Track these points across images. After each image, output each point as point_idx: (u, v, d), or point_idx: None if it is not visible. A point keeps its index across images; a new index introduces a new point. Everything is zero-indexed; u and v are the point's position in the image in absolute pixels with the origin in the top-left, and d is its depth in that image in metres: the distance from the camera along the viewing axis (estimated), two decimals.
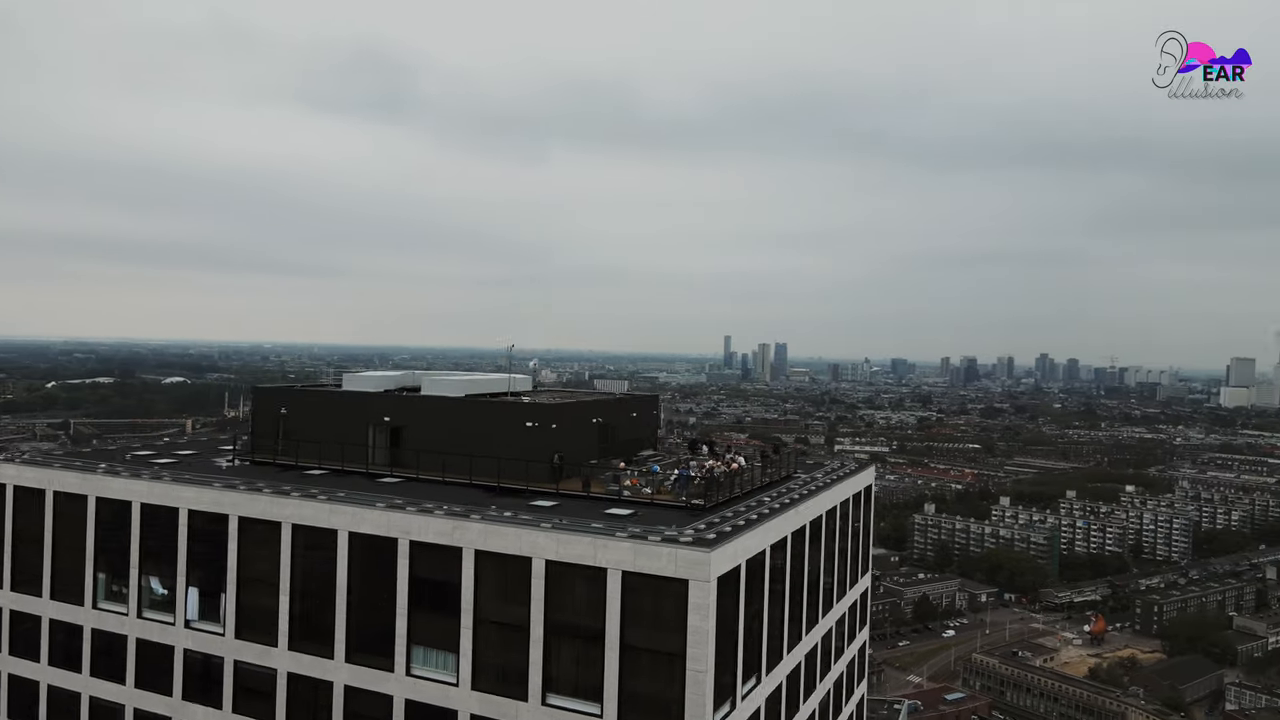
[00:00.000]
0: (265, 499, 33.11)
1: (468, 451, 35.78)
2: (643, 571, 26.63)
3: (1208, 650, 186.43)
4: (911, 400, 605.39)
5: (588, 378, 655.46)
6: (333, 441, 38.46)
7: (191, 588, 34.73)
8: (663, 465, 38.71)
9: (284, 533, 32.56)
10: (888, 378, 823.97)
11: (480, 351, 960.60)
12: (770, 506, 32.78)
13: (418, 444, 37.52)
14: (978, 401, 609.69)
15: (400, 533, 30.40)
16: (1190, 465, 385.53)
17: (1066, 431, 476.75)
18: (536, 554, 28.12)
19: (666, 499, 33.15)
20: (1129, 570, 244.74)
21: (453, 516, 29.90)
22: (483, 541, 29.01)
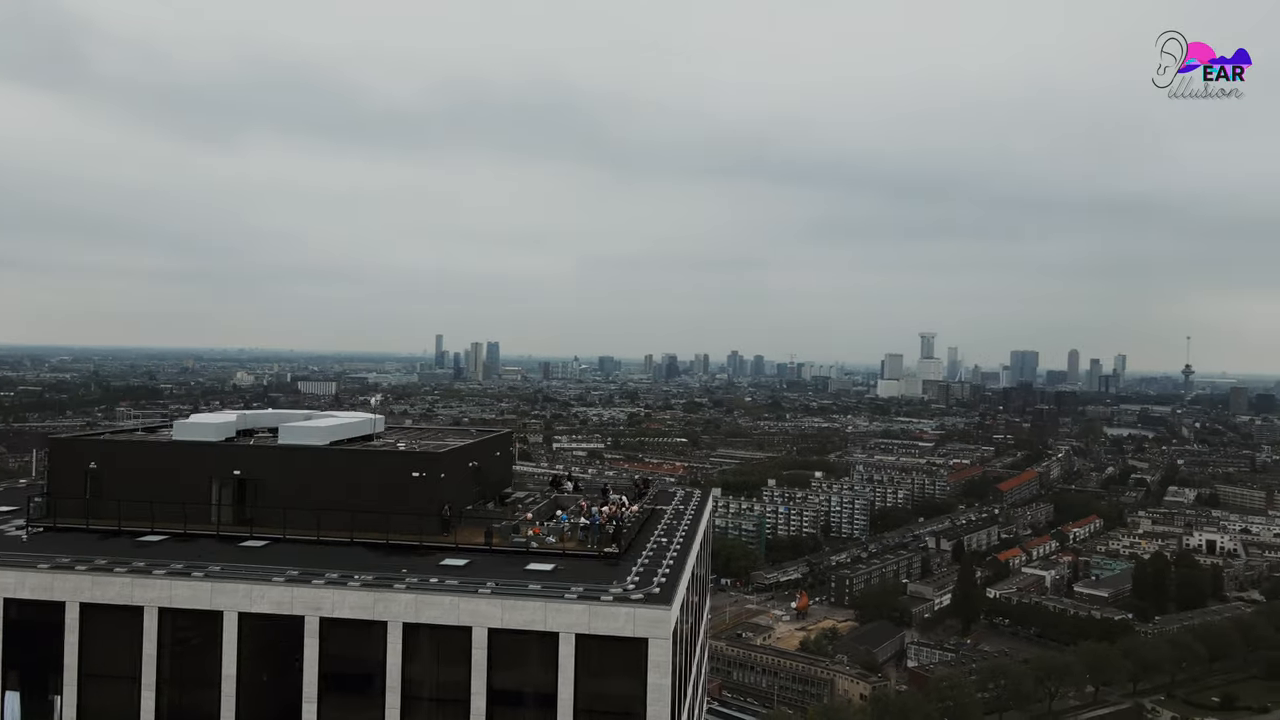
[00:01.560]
0: (120, 580, 28.31)
1: (336, 505, 33.06)
2: (599, 634, 26.42)
3: (889, 615, 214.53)
4: (620, 396, 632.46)
5: (290, 379, 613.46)
6: (165, 501, 33.58)
7: (10, 692, 28.81)
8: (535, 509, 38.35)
9: (147, 620, 28.09)
10: (596, 375, 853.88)
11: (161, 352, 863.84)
12: (673, 550, 33.62)
13: (277, 500, 33.89)
14: (680, 396, 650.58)
15: (308, 610, 27.46)
16: (861, 450, 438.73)
17: (759, 423, 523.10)
18: (479, 623, 26.80)
19: (570, 547, 32.89)
20: (822, 549, 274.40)
21: (373, 588, 27.58)
22: (414, 613, 27.08)
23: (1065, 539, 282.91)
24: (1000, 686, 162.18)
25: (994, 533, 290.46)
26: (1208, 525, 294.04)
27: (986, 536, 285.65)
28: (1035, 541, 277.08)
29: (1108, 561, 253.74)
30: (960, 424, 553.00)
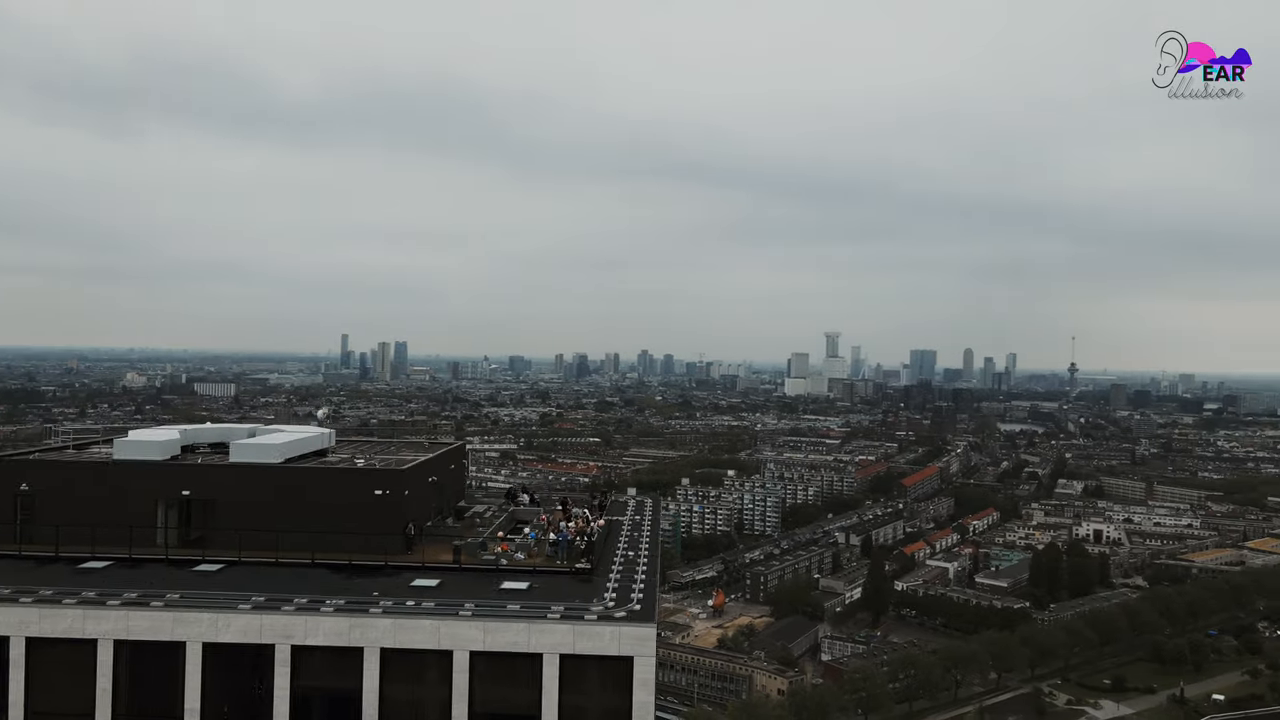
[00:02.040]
0: (71, 612, 26.70)
1: (295, 526, 31.95)
2: (584, 653, 26.30)
3: (803, 610, 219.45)
4: (531, 396, 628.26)
5: (185, 380, 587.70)
6: (107, 524, 31.81)
7: None
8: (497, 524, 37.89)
9: (102, 654, 26.58)
10: (506, 375, 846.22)
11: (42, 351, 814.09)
12: (642, 563, 33.71)
13: (230, 521, 32.50)
14: (591, 396, 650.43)
15: (279, 638, 26.44)
16: (771, 448, 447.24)
17: (670, 422, 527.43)
18: (460, 646, 26.31)
19: (539, 563, 32.60)
20: (737, 547, 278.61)
21: (348, 613, 26.77)
22: (392, 638, 26.40)
23: (966, 532, 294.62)
24: (910, 676, 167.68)
25: (899, 527, 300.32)
26: (1094, 516, 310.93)
27: (893, 531, 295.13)
28: (938, 535, 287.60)
29: (1006, 552, 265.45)
30: (865, 421, 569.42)
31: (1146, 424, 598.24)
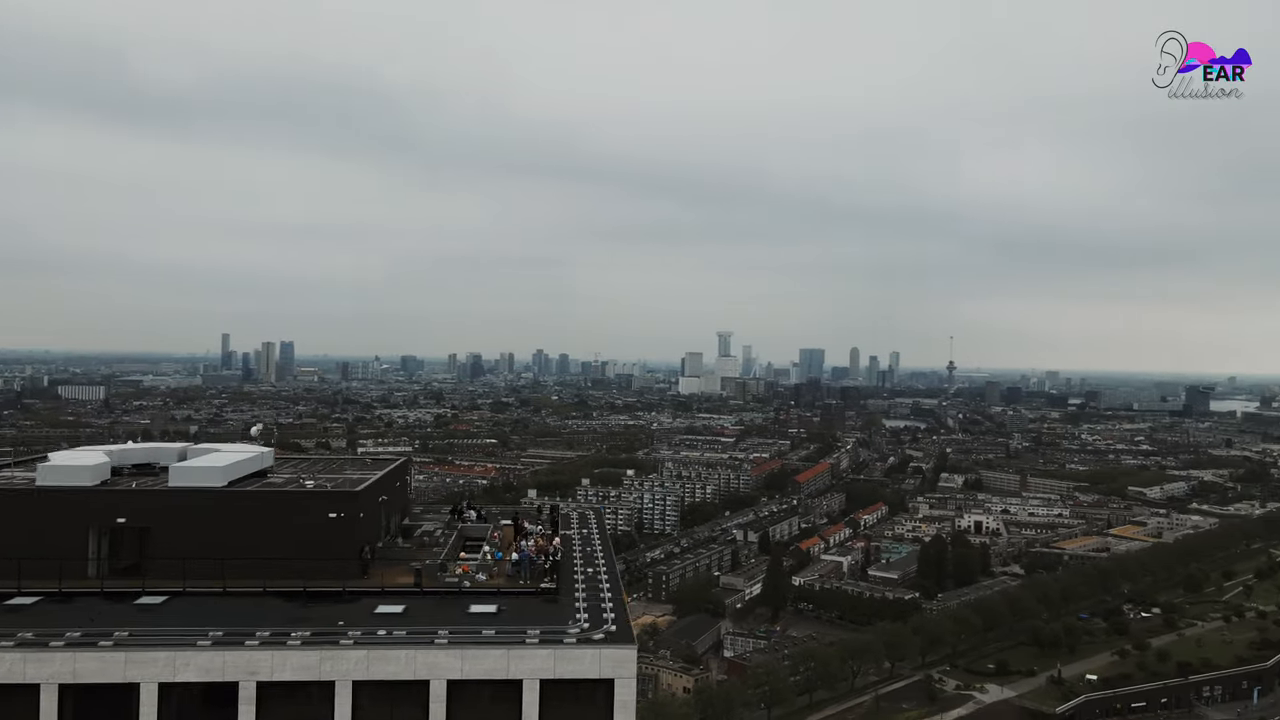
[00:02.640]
0: (10, 656, 24.73)
1: (242, 553, 30.58)
2: (565, 678, 26.10)
3: (705, 608, 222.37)
4: (425, 397, 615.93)
5: (47, 383, 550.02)
6: (32, 556, 29.66)
7: None
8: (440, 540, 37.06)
9: (45, 701, 24.74)
10: (399, 375, 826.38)
11: None
12: (604, 580, 33.65)
13: (171, 549, 30.82)
14: (486, 396, 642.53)
15: (243, 675, 25.23)
16: (667, 447, 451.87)
17: (567, 422, 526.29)
18: (437, 675, 25.72)
19: (502, 584, 32.13)
20: (637, 546, 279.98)
21: (317, 645, 25.80)
22: (364, 670, 25.58)
23: (857, 526, 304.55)
24: (810, 669, 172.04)
25: (794, 523, 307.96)
26: (975, 508, 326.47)
27: (788, 527, 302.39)
28: (831, 530, 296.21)
29: (895, 545, 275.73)
30: (758, 419, 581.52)
31: (1019, 419, 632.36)
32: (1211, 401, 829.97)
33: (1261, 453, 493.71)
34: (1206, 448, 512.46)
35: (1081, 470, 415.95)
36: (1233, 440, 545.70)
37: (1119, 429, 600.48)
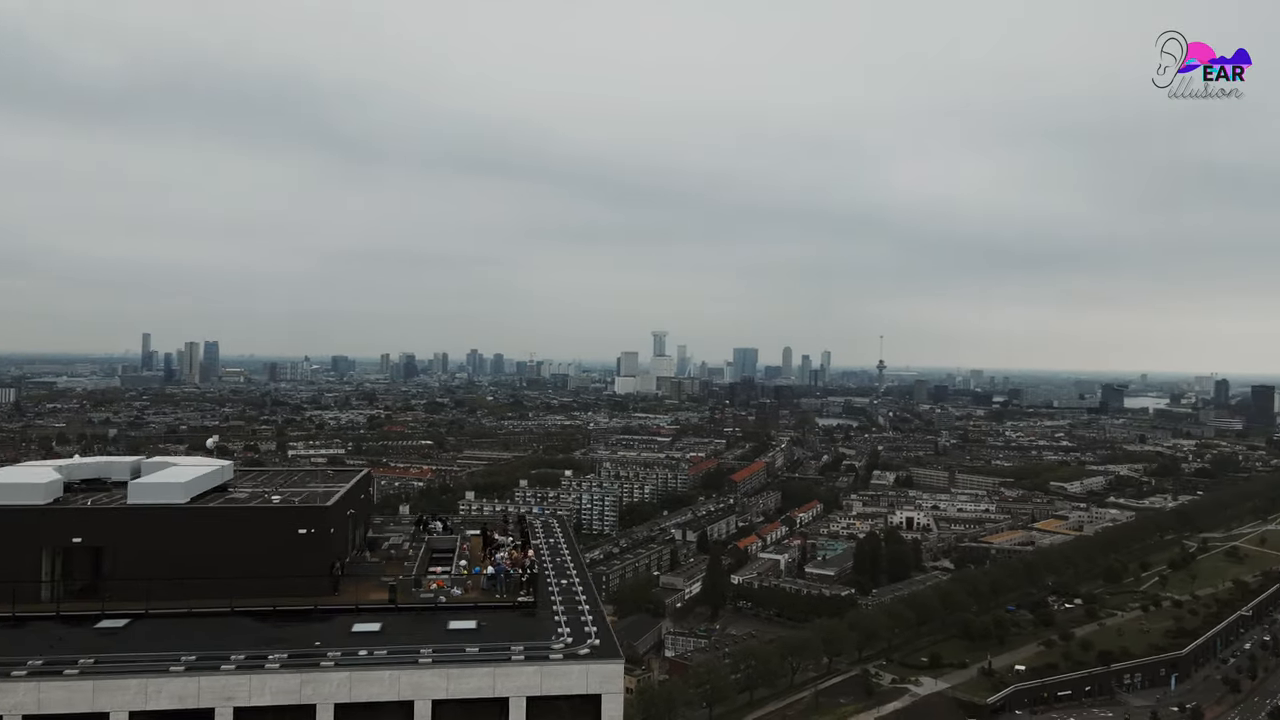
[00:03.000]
0: None
1: (207, 572, 29.63)
2: (552, 694, 25.91)
3: (646, 608, 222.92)
4: (357, 398, 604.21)
5: None
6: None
7: None
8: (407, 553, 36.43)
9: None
10: (329, 376, 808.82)
11: None
12: (580, 591, 33.50)
13: (131, 569, 29.66)
14: (420, 397, 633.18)
15: (220, 700, 24.43)
16: (605, 447, 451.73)
17: (503, 423, 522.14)
18: (422, 695, 25.30)
19: (478, 598, 31.72)
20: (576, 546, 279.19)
21: (297, 668, 25.12)
22: (347, 692, 25.01)
23: (793, 524, 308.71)
24: (750, 667, 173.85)
25: (732, 522, 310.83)
26: (906, 505, 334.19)
27: (726, 526, 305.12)
28: (768, 528, 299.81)
29: (831, 543, 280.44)
30: (693, 418, 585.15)
31: (946, 417, 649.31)
32: (1125, 399, 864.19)
33: (1172, 448, 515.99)
34: (1122, 443, 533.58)
35: (1006, 466, 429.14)
36: (1145, 436, 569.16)
37: (1040, 426, 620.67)
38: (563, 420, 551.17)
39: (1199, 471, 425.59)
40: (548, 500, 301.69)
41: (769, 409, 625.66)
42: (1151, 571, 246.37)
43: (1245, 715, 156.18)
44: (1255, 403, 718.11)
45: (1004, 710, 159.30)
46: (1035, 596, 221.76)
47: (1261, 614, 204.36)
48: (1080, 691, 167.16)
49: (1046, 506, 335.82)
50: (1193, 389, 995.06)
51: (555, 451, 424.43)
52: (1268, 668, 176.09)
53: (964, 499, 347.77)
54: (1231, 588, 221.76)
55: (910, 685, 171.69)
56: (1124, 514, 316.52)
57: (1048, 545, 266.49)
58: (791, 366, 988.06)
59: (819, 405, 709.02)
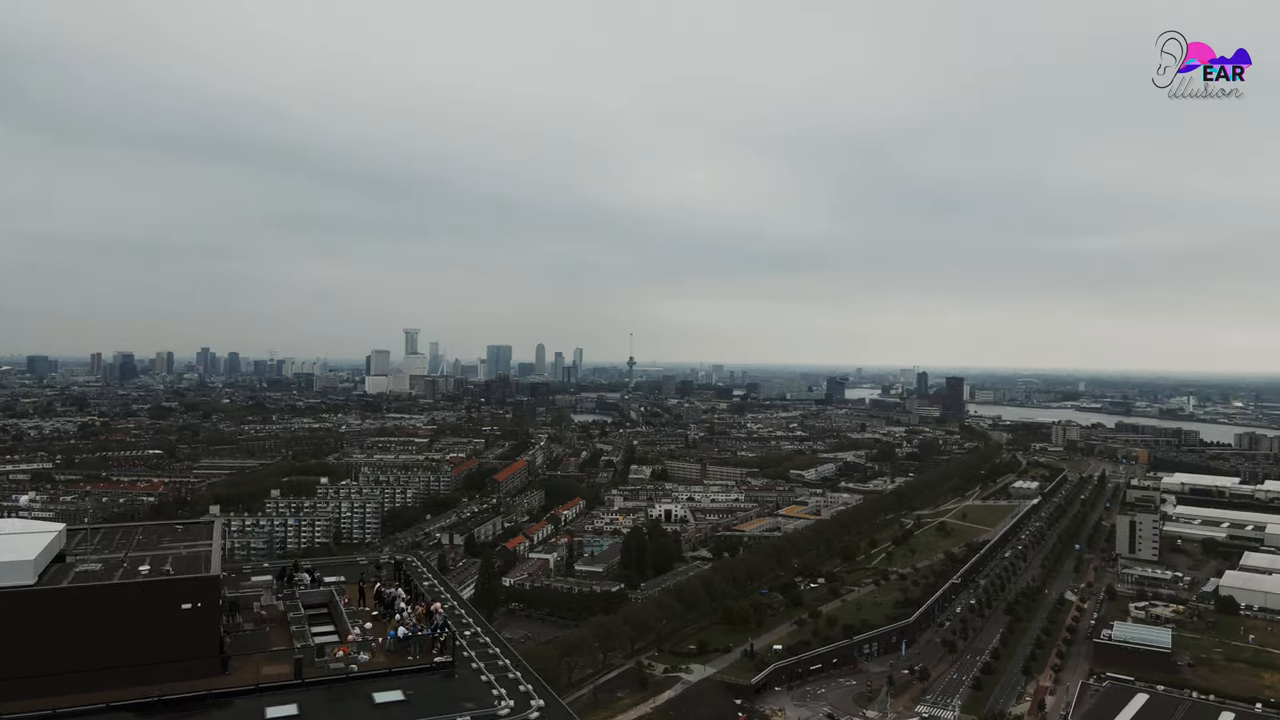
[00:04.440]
0: None
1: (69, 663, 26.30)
2: None
3: None
4: (63, 403, 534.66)
5: None
6: None
7: None
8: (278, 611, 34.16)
9: None
10: (25, 378, 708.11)
11: None
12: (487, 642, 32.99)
13: None
14: (142, 401, 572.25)
15: None
16: (360, 451, 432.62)
17: (243, 427, 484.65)
18: None
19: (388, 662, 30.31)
20: None
21: None
22: None
23: (559, 522, 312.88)
24: None
25: (498, 523, 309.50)
26: (664, 497, 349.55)
27: (492, 527, 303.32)
28: (535, 527, 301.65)
29: (596, 539, 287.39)
30: (450, 418, 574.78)
31: (693, 411, 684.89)
32: (846, 390, 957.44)
33: (887, 434, 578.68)
34: (846, 431, 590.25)
35: (750, 457, 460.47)
36: (865, 425, 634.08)
37: (776, 417, 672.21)
38: (311, 423, 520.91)
39: (910, 455, 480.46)
40: (304, 510, 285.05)
41: (526, 406, 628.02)
42: (879, 549, 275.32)
43: (961, 670, 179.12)
44: (949, 391, 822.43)
45: (766, 688, 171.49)
46: (785, 579, 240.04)
47: (968, 581, 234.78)
48: (829, 664, 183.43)
49: (788, 494, 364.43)
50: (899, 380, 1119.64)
51: (306, 457, 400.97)
52: (975, 628, 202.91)
53: (716, 489, 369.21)
54: (944, 559, 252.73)
55: (682, 673, 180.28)
56: (854, 497, 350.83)
57: (792, 530, 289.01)
58: (545, 363, 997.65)
59: (574, 402, 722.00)
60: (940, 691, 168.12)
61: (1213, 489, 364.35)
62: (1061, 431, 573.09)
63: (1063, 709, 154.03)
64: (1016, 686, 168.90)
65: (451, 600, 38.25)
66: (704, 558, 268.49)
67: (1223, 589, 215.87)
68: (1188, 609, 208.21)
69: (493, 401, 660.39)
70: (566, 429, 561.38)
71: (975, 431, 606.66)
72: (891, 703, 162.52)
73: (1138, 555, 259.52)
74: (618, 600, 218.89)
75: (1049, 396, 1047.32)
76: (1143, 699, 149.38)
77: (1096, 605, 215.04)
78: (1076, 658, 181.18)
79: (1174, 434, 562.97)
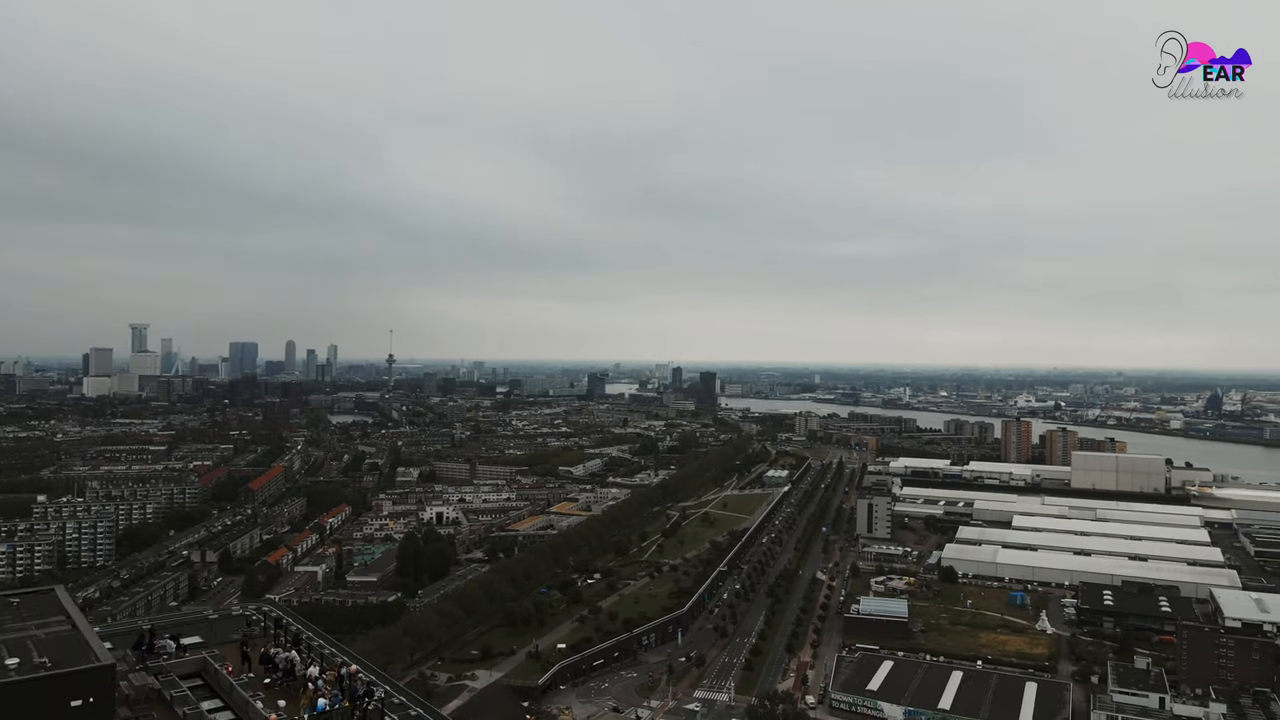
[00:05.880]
0: None
1: None
2: None
3: None
4: None
5: None
6: None
7: None
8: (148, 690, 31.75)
9: None
10: None
11: None
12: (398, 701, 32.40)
13: None
14: None
15: None
16: (82, 462, 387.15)
17: None
18: None
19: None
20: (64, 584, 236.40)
21: None
22: None
23: (324, 531, 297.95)
24: None
25: (256, 535, 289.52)
26: (435, 500, 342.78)
27: (250, 540, 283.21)
28: (298, 538, 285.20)
29: (368, 547, 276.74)
30: (191, 422, 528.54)
31: (457, 409, 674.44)
32: (606, 385, 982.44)
33: (648, 428, 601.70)
34: (609, 426, 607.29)
35: (519, 455, 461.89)
36: (627, 420, 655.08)
37: (541, 414, 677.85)
38: (16, 432, 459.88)
39: (671, 449, 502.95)
40: (19, 535, 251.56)
41: (278, 408, 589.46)
42: (650, 541, 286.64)
43: (732, 653, 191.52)
44: (703, 385, 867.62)
45: (552, 688, 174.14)
46: (563, 577, 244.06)
47: (733, 567, 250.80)
48: (610, 658, 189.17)
49: (559, 491, 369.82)
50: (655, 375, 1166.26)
51: (15, 472, 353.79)
52: (742, 612, 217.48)
53: (486, 489, 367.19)
54: (710, 548, 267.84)
55: (467, 681, 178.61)
56: (622, 492, 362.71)
57: (566, 527, 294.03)
58: (296, 362, 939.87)
59: (330, 402, 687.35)
60: (715, 675, 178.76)
61: (929, 471, 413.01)
62: (804, 422, 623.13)
63: (822, 681, 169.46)
64: (781, 664, 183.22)
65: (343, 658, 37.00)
66: (480, 560, 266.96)
67: (944, 560, 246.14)
68: (917, 581, 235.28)
69: (239, 403, 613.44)
70: (325, 431, 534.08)
71: (728, 424, 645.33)
72: (671, 690, 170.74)
73: (875, 534, 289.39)
74: (396, 610, 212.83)
75: (790, 389, 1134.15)
76: (889, 665, 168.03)
77: (844, 582, 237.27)
78: (831, 632, 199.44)
79: (896, 422, 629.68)
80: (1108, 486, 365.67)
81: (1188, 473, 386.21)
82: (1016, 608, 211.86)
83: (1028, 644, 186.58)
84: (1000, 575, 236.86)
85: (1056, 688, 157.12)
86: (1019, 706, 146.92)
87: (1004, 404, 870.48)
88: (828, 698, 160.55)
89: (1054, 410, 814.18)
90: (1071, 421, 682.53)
